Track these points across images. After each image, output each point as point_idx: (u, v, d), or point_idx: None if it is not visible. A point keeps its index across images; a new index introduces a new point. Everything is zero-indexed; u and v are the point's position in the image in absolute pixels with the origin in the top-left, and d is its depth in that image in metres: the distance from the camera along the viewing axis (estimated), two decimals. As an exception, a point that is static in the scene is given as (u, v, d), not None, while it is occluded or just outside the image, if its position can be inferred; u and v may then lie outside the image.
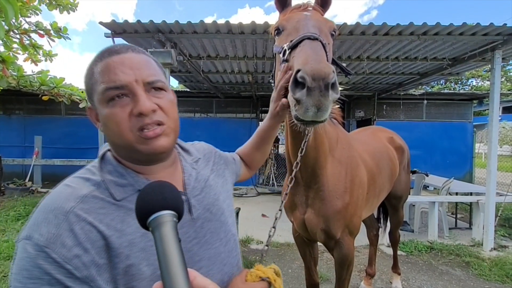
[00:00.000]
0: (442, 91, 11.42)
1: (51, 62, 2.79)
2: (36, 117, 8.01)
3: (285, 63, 0.92)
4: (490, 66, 3.69)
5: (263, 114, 8.10)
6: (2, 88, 2.60)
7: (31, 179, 6.47)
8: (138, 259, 0.51)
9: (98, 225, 0.49)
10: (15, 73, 2.67)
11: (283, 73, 0.88)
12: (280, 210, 1.09)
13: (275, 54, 1.09)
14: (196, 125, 7.90)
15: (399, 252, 3.22)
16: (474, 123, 8.35)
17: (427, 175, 4.91)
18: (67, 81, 3.42)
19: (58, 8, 2.66)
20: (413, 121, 8.08)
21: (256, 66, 5.15)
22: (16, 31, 2.32)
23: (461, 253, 3.42)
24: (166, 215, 0.41)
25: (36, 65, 2.71)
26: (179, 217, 0.43)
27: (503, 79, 19.63)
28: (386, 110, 8.14)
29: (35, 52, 2.59)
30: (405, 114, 8.12)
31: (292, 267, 3.14)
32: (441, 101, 8.09)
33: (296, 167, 1.17)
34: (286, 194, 1.12)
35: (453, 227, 4.38)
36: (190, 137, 0.79)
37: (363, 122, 8.28)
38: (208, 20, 3.32)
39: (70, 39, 2.77)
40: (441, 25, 3.26)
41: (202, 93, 7.86)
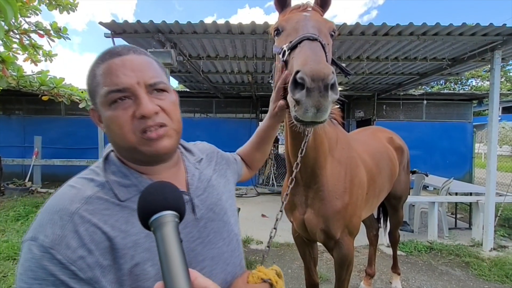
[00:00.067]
0: (442, 91, 11.43)
1: (51, 62, 2.78)
2: (36, 117, 8.00)
3: (282, 63, 0.92)
4: (490, 66, 3.69)
5: (263, 114, 8.09)
6: (2, 88, 2.59)
7: (31, 179, 6.46)
8: (143, 260, 0.51)
9: (103, 226, 0.49)
10: (15, 73, 2.66)
11: (279, 74, 0.89)
12: (281, 211, 1.09)
13: (275, 55, 1.09)
14: (196, 125, 7.90)
15: (399, 252, 3.23)
16: (474, 123, 8.35)
17: (427, 175, 4.91)
18: (67, 81, 3.41)
19: (58, 8, 2.66)
20: (413, 121, 8.09)
21: (256, 66, 5.15)
22: (16, 31, 2.31)
23: (461, 253, 3.42)
24: (168, 216, 0.41)
25: (36, 65, 2.70)
26: (181, 218, 0.43)
27: (503, 79, 19.65)
28: (386, 110, 8.14)
29: (35, 52, 2.58)
30: (405, 114, 8.12)
31: (292, 267, 3.14)
32: (441, 101, 8.09)
33: (296, 168, 1.17)
34: (287, 195, 1.12)
35: (453, 227, 4.38)
36: (190, 137, 0.79)
37: (363, 122, 8.28)
38: (208, 20, 3.32)
39: (70, 39, 2.77)
40: (441, 26, 3.26)
41: (202, 93, 7.86)
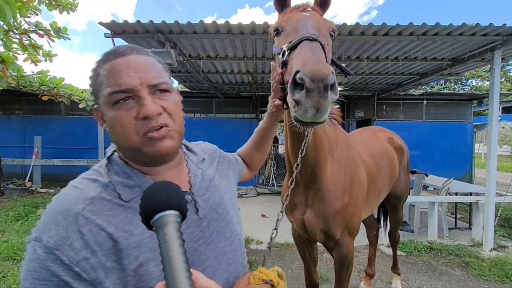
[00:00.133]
0: (442, 91, 11.43)
1: (51, 62, 2.78)
2: (36, 117, 8.00)
3: (280, 63, 0.92)
4: (490, 66, 3.69)
5: (263, 114, 8.01)
6: (2, 88, 2.59)
7: (31, 179, 6.46)
8: (147, 260, 0.51)
9: (107, 227, 0.50)
10: (15, 73, 2.66)
11: (277, 73, 0.90)
12: (282, 212, 1.09)
13: (275, 55, 1.09)
14: (196, 125, 7.89)
15: (399, 252, 3.22)
16: (474, 123, 8.35)
17: (427, 175, 4.91)
18: (67, 81, 3.41)
19: (58, 8, 2.66)
20: (413, 121, 8.08)
21: (256, 66, 5.14)
22: (16, 31, 2.31)
23: (461, 253, 3.42)
24: (170, 215, 0.40)
25: (36, 65, 2.70)
26: (183, 217, 0.43)
27: (503, 79, 19.65)
28: (386, 110, 8.13)
29: (35, 52, 2.58)
30: (405, 114, 8.12)
31: (292, 268, 3.14)
32: (441, 101, 8.09)
33: (297, 169, 1.17)
34: (288, 196, 1.12)
35: (453, 227, 4.38)
36: (190, 137, 0.79)
37: (363, 122, 8.27)
38: (208, 20, 3.32)
39: (70, 39, 2.76)
40: (441, 26, 3.26)
41: (202, 93, 7.86)
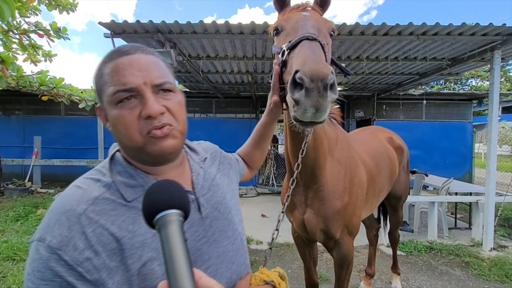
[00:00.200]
0: (442, 91, 11.43)
1: (51, 63, 2.79)
2: (36, 118, 8.00)
3: (279, 62, 0.93)
4: (490, 66, 3.69)
5: (263, 114, 8.09)
6: (2, 89, 2.59)
7: (31, 180, 6.46)
8: (150, 259, 0.51)
9: (110, 227, 0.50)
10: (15, 74, 2.66)
11: (276, 71, 0.92)
12: (283, 212, 1.09)
13: (274, 55, 1.09)
14: (196, 125, 7.89)
15: (399, 252, 3.23)
16: (474, 123, 8.36)
17: (427, 175, 4.91)
18: (67, 82, 3.42)
19: (58, 9, 2.66)
20: (413, 121, 8.09)
21: (256, 66, 5.14)
22: (16, 31, 2.32)
23: (461, 253, 3.42)
24: (172, 214, 0.40)
25: (36, 66, 2.70)
26: (186, 216, 0.43)
27: (503, 79, 19.66)
28: (386, 110, 8.14)
29: (35, 53, 2.58)
30: (405, 114, 8.12)
31: (292, 268, 3.14)
32: (441, 101, 8.09)
33: (297, 169, 1.17)
34: (289, 196, 1.11)
35: (453, 227, 4.38)
36: (190, 137, 0.78)
37: (363, 122, 8.27)
38: (208, 20, 3.32)
39: (70, 40, 2.76)
40: (440, 25, 3.26)
41: (202, 93, 7.86)
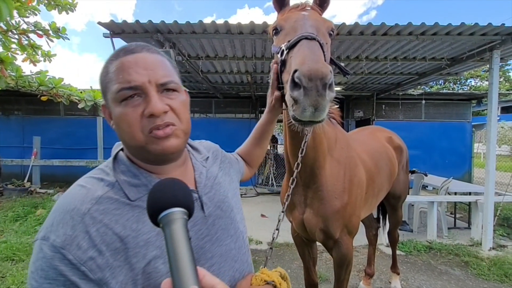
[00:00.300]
0: (441, 91, 11.46)
1: (50, 63, 2.78)
2: (35, 118, 7.98)
3: (278, 61, 0.94)
4: (489, 66, 3.70)
5: (262, 114, 8.10)
6: (1, 89, 2.59)
7: (30, 180, 6.45)
8: (155, 257, 0.51)
9: (114, 226, 0.50)
10: (14, 74, 2.65)
11: (275, 70, 0.93)
12: (283, 212, 1.09)
13: (274, 54, 1.09)
14: (195, 126, 7.76)
15: (398, 252, 3.23)
16: (473, 123, 8.37)
17: (426, 175, 4.92)
18: (66, 82, 3.40)
19: (57, 8, 2.65)
20: (412, 121, 8.10)
21: (255, 66, 5.15)
22: (15, 31, 2.31)
23: (460, 253, 3.43)
24: (177, 213, 0.40)
25: (35, 66, 2.70)
26: (190, 215, 0.43)
27: (502, 79, 19.70)
28: (385, 110, 8.14)
29: (34, 53, 2.58)
30: (404, 114, 8.13)
31: (291, 267, 3.14)
32: (440, 101, 8.10)
33: (297, 168, 1.17)
34: (289, 196, 1.12)
35: (452, 227, 4.39)
36: (190, 137, 0.79)
37: (362, 122, 8.29)
38: (207, 20, 3.32)
39: (69, 40, 2.76)
40: (440, 25, 3.27)
41: (201, 94, 7.86)
